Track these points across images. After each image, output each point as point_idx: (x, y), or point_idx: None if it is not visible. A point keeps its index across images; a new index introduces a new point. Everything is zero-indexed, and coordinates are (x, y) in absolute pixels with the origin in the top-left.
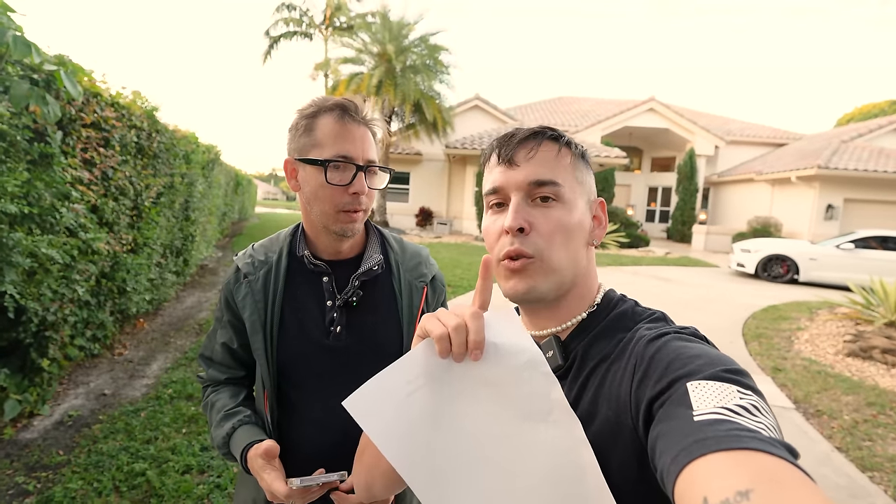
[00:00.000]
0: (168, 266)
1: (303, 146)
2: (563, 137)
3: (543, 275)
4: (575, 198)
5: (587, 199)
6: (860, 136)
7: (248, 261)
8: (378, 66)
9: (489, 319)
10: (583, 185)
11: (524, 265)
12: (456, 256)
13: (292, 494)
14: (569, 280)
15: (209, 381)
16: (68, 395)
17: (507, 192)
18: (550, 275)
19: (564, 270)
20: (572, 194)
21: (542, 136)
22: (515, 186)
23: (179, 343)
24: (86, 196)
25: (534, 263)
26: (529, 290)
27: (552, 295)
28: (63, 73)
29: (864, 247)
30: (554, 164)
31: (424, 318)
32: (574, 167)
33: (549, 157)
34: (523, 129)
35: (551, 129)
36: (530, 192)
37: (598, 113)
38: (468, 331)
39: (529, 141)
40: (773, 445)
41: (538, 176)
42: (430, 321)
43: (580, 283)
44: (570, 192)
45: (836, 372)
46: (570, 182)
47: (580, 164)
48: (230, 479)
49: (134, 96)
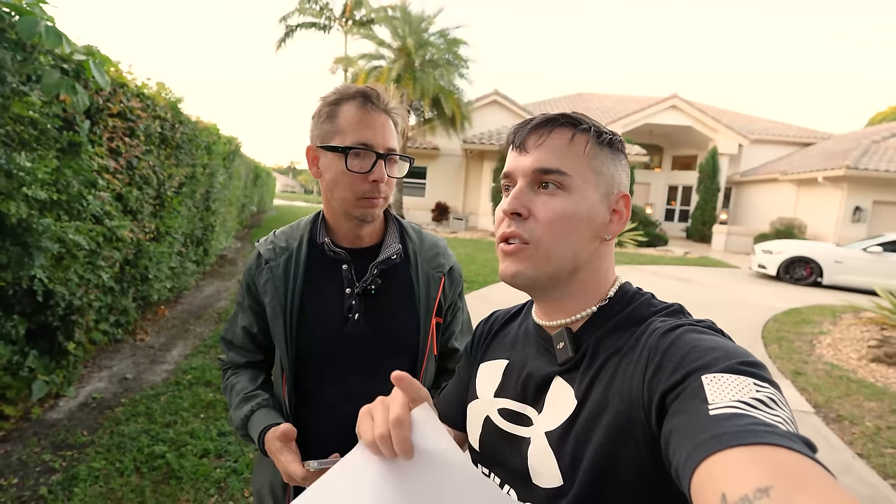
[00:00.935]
0: (189, 255)
1: (325, 133)
2: (580, 124)
3: (534, 262)
4: (586, 188)
5: (605, 190)
6: (893, 135)
7: (269, 247)
8: (397, 60)
9: (415, 419)
10: (600, 176)
11: (517, 249)
12: (472, 252)
13: (308, 476)
14: (566, 272)
15: (229, 364)
16: (92, 378)
17: (515, 178)
18: (542, 263)
19: (560, 261)
20: (583, 184)
21: (555, 122)
22: (522, 172)
23: (199, 331)
24: (111, 184)
25: (528, 249)
26: (517, 274)
27: (544, 283)
28: (92, 64)
29: (892, 250)
30: (564, 151)
31: (361, 413)
32: (591, 156)
33: (559, 144)
34: (541, 115)
35: (568, 116)
36: (535, 178)
37: (618, 110)
38: (392, 440)
39: (541, 127)
40: (792, 440)
41: (543, 163)
42: (362, 421)
43: (587, 277)
44: (581, 181)
45: (860, 377)
46: (581, 171)
47: (602, 152)
48: (246, 464)
49: (158, 87)
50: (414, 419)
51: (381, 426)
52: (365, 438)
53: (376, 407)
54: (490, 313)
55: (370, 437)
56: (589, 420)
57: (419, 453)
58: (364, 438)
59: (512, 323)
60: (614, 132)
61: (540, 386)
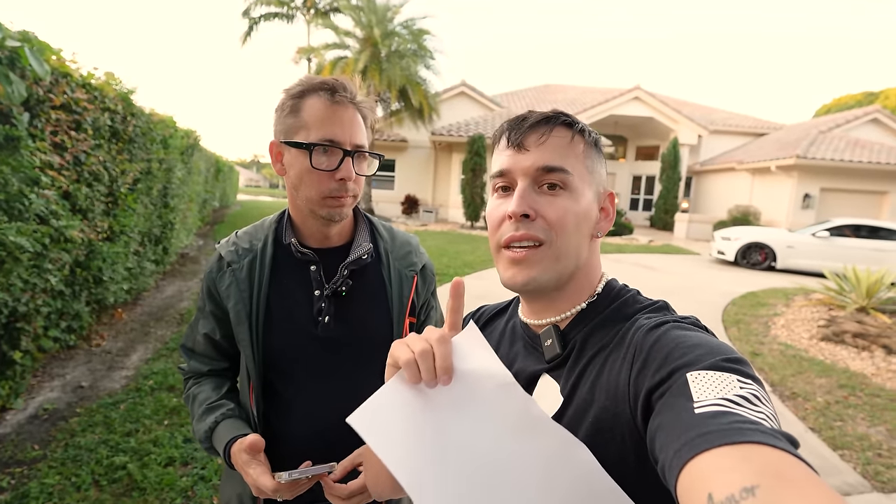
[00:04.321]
0: (147, 254)
1: (288, 128)
2: (577, 124)
3: (547, 264)
4: (583, 187)
5: (596, 189)
6: (837, 126)
7: (231, 248)
8: (363, 51)
9: (457, 343)
10: (593, 175)
11: (528, 254)
12: (442, 245)
13: (279, 489)
14: (570, 271)
15: (191, 373)
16: (43, 388)
17: (514, 177)
18: (554, 263)
19: (568, 260)
20: (581, 183)
21: (556, 121)
22: (522, 172)
23: (160, 333)
24: (57, 181)
25: (541, 250)
26: (529, 281)
27: (552, 285)
28: (28, 51)
29: (838, 235)
30: (566, 150)
31: (394, 344)
32: (586, 156)
33: (560, 143)
34: (536, 113)
35: (565, 115)
36: (537, 178)
37: (584, 101)
38: (435, 356)
39: (541, 125)
40: (776, 438)
41: (547, 162)
42: (398, 347)
43: (581, 275)
44: (580, 180)
45: (811, 356)
46: (579, 170)
47: (592, 152)
48: (214, 470)
49: (107, 78)
50: (455, 343)
51: (422, 343)
52: (403, 358)
53: (410, 337)
54: (477, 307)
55: (409, 355)
56: (575, 416)
57: (458, 376)
58: (402, 359)
59: (499, 319)
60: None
61: (527, 384)
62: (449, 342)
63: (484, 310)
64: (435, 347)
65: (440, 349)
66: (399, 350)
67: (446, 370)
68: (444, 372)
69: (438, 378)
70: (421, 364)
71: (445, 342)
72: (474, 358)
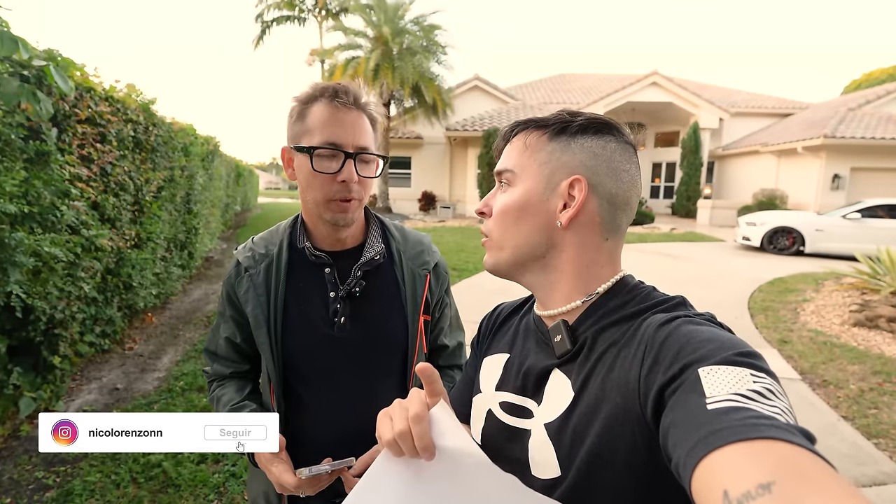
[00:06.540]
0: (173, 260)
1: (296, 133)
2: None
3: (493, 252)
4: (525, 179)
5: (548, 179)
6: (868, 102)
7: (248, 254)
8: (375, 50)
9: (434, 417)
10: (544, 165)
11: (485, 244)
12: (460, 240)
13: (301, 485)
14: (526, 258)
15: (214, 376)
16: (82, 391)
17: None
18: (497, 252)
19: (513, 249)
20: (524, 175)
21: (511, 132)
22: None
23: (188, 336)
24: (85, 193)
25: (488, 242)
26: (486, 263)
27: (508, 270)
28: (53, 69)
29: (871, 216)
30: (518, 153)
31: (380, 416)
32: (539, 148)
33: (515, 147)
34: (504, 128)
35: (525, 123)
36: (497, 181)
37: (600, 89)
38: (412, 437)
39: (504, 137)
40: (791, 433)
41: (498, 167)
42: (382, 423)
43: (560, 265)
44: (524, 173)
45: (842, 342)
46: (525, 165)
47: (551, 143)
48: (244, 467)
49: (128, 90)
50: (433, 417)
51: (400, 423)
52: (385, 438)
53: (394, 409)
54: (495, 306)
55: (390, 436)
56: (586, 412)
57: (440, 452)
58: (384, 438)
59: (515, 316)
60: (571, 118)
61: (539, 379)
62: (425, 419)
63: (502, 308)
64: (412, 428)
65: (416, 429)
66: (382, 427)
67: (426, 448)
68: (423, 451)
69: (420, 455)
70: (402, 444)
71: (421, 421)
72: (451, 436)
